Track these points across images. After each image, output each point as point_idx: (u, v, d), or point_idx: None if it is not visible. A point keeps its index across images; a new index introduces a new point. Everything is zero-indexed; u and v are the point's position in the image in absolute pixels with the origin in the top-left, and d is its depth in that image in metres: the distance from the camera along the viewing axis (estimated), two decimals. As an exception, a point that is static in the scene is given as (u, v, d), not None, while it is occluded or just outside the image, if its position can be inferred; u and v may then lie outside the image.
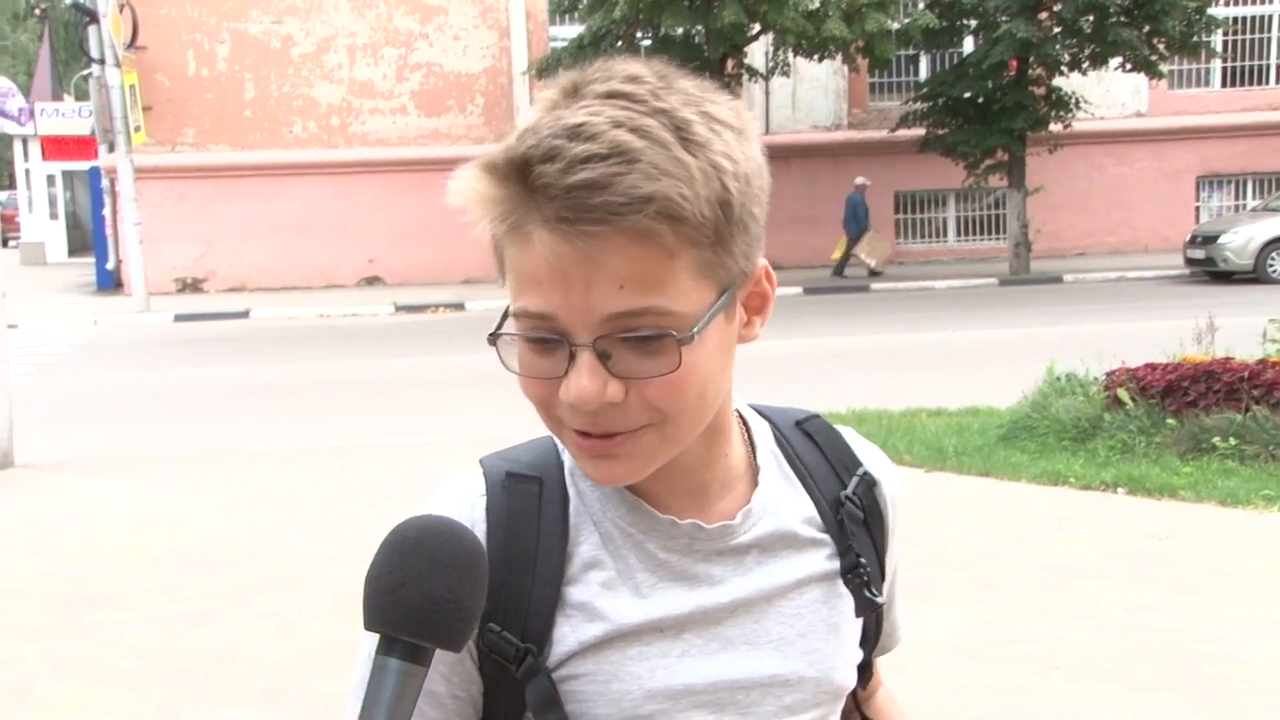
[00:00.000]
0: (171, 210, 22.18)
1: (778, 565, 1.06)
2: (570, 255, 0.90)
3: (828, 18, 18.32)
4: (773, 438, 1.12)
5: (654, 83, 0.94)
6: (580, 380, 0.92)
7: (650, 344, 0.92)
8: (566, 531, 1.03)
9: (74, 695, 4.47)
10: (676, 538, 1.03)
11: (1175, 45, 19.92)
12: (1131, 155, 23.90)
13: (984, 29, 20.53)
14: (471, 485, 1.06)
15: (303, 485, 7.76)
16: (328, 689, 4.42)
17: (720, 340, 0.97)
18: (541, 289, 0.92)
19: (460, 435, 9.28)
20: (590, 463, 0.99)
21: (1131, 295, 17.90)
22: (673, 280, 0.91)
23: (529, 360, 0.96)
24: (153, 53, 21.87)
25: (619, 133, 0.89)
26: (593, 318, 0.91)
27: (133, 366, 14.30)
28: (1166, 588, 5.33)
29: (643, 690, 1.01)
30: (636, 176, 0.88)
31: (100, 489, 7.90)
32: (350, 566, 5.86)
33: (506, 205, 0.92)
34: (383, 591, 0.85)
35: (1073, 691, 4.25)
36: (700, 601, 1.03)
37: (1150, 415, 7.40)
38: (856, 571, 1.09)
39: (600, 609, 1.01)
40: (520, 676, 0.99)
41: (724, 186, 0.92)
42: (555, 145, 0.89)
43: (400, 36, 22.91)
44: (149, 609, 5.40)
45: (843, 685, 1.10)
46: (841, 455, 1.14)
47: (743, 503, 1.06)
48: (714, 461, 1.05)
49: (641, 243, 0.89)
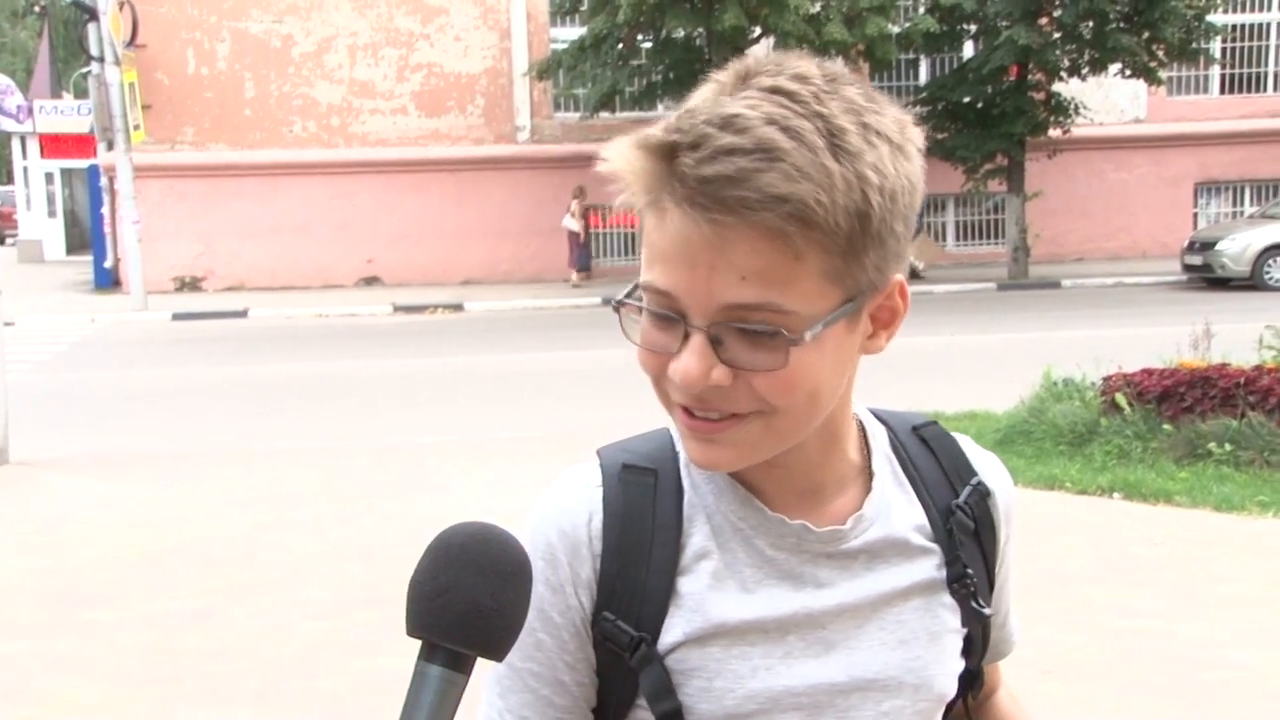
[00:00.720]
0: (170, 209, 22.17)
1: (885, 572, 1.07)
2: (699, 239, 0.91)
3: (828, 21, 18.35)
4: (888, 442, 1.13)
5: (820, 84, 0.94)
6: (689, 360, 0.94)
7: (762, 338, 0.93)
8: (680, 523, 1.04)
9: (68, 692, 4.47)
10: (785, 536, 1.04)
11: (1174, 52, 19.95)
12: (1130, 161, 23.92)
13: (984, 34, 20.56)
14: (589, 476, 1.06)
15: (299, 485, 7.75)
16: (322, 688, 4.42)
17: (839, 347, 0.98)
18: (668, 266, 0.94)
19: (458, 436, 9.29)
20: (693, 444, 1.00)
21: (1129, 301, 17.92)
22: (796, 281, 0.92)
23: (648, 332, 0.98)
24: (152, 51, 21.87)
25: (769, 130, 0.90)
26: (711, 303, 0.93)
27: (130, 365, 14.29)
28: (1161, 593, 5.34)
29: (744, 689, 1.02)
30: (775, 175, 0.89)
31: (96, 487, 7.90)
32: (346, 566, 5.86)
33: (649, 180, 0.93)
34: (426, 597, 0.84)
35: (1067, 695, 4.25)
36: (805, 603, 1.04)
37: (1146, 421, 7.40)
38: (963, 582, 1.09)
39: (707, 603, 1.02)
40: (634, 664, 1.01)
41: (865, 199, 0.92)
42: (705, 133, 0.91)
43: (401, 37, 22.91)
44: (144, 607, 5.40)
45: (943, 694, 1.10)
46: (956, 463, 1.14)
47: (855, 507, 1.07)
48: (828, 464, 1.06)
49: (770, 239, 0.90)
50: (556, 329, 16.55)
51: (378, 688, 4.32)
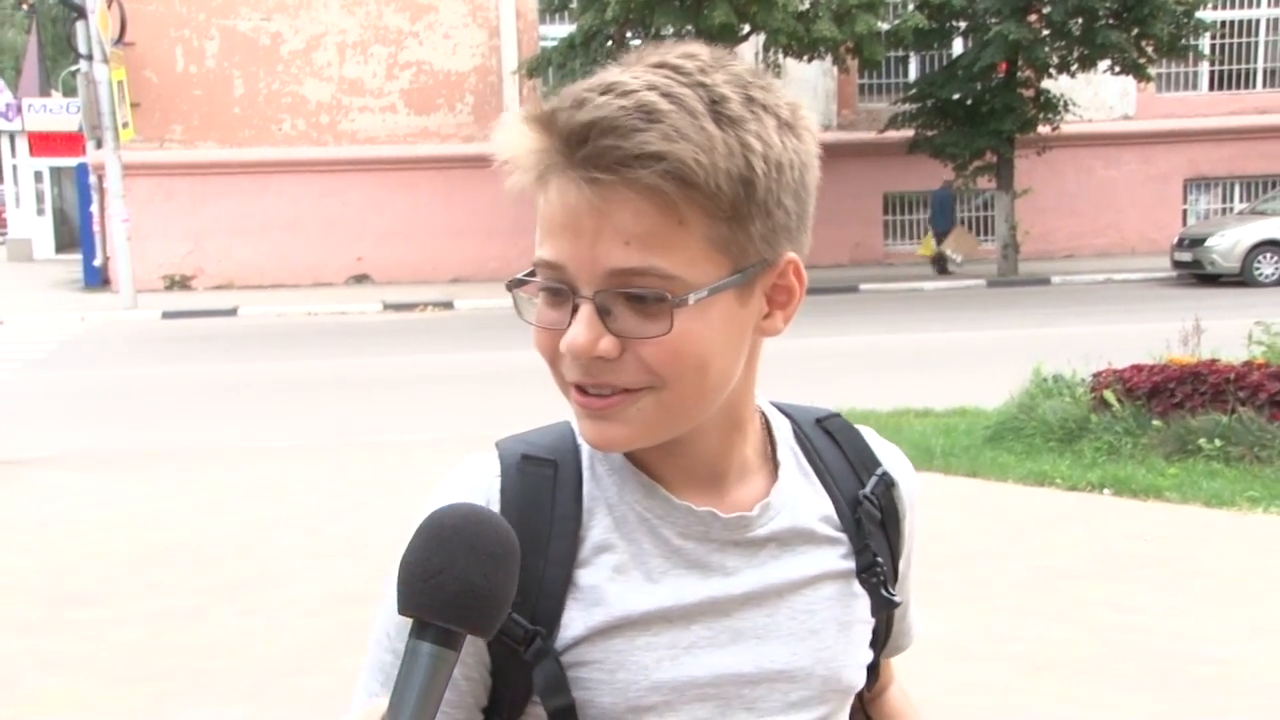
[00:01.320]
0: (159, 207, 22.12)
1: (793, 560, 1.06)
2: (583, 206, 0.92)
3: (818, 19, 18.36)
4: (793, 434, 1.12)
5: (706, 60, 0.96)
6: (577, 330, 0.94)
7: (647, 304, 0.93)
8: (580, 514, 1.03)
9: (61, 690, 4.46)
10: (692, 524, 1.03)
11: (1164, 48, 20.00)
12: (1119, 158, 23.98)
13: (973, 31, 20.59)
14: (487, 467, 1.06)
15: (290, 482, 7.74)
16: (314, 685, 4.42)
17: (729, 320, 0.97)
18: (555, 238, 0.95)
19: (448, 433, 9.28)
20: (587, 423, 0.99)
21: (1119, 297, 17.97)
22: (680, 246, 0.92)
23: (542, 311, 0.98)
24: (141, 49, 21.81)
25: (650, 94, 0.91)
26: (597, 270, 0.93)
27: (120, 363, 14.26)
28: (1152, 588, 5.36)
29: (648, 681, 1.00)
30: (653, 134, 0.90)
31: (87, 485, 7.88)
32: (338, 564, 5.86)
33: (535, 155, 0.94)
34: (419, 577, 0.86)
35: (1059, 691, 4.27)
36: (712, 591, 1.02)
37: (1136, 417, 7.43)
38: (873, 570, 1.09)
39: (609, 594, 1.01)
40: (529, 659, 0.99)
41: (749, 164, 0.92)
42: (584, 98, 0.92)
43: (390, 35, 22.87)
44: (136, 605, 5.39)
45: (851, 684, 1.09)
46: (861, 454, 1.14)
47: (760, 497, 1.06)
48: (730, 452, 1.05)
49: (652, 201, 0.91)
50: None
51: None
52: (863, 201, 22.90)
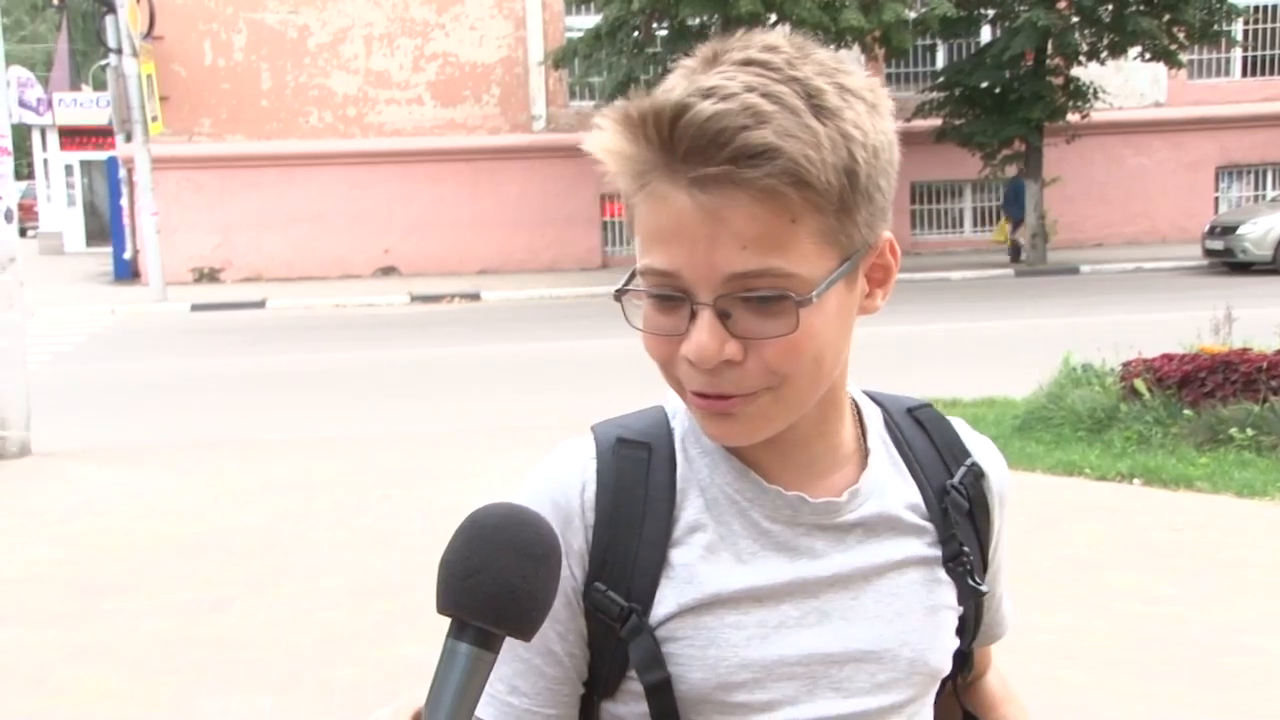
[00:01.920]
0: (188, 200, 22.25)
1: (880, 546, 1.07)
2: (695, 213, 0.92)
3: (845, 7, 18.27)
4: (883, 423, 1.13)
5: (790, 52, 0.96)
6: (700, 338, 0.94)
7: (770, 305, 0.94)
8: (673, 495, 1.04)
9: (90, 681, 4.50)
10: (781, 508, 1.05)
11: (1195, 34, 19.80)
12: (1150, 145, 23.77)
13: (1002, 18, 20.44)
14: (583, 450, 1.07)
15: (318, 474, 7.78)
16: (342, 676, 4.44)
17: (840, 308, 0.99)
18: (667, 246, 0.94)
19: (476, 425, 9.31)
20: (709, 421, 1.00)
21: (1149, 286, 17.83)
22: (795, 244, 0.93)
23: (652, 318, 0.98)
24: (170, 43, 21.93)
25: (750, 96, 0.91)
26: (715, 276, 0.93)
27: (149, 356, 14.36)
28: (1182, 578, 5.31)
29: (738, 658, 1.02)
30: (764, 133, 0.90)
31: (117, 477, 7.94)
32: (365, 556, 5.88)
33: (638, 161, 0.94)
34: (458, 576, 0.85)
35: (1087, 681, 4.24)
36: (800, 573, 1.04)
37: (1167, 406, 7.36)
38: (959, 559, 1.10)
39: (701, 573, 1.02)
40: (625, 635, 1.01)
41: (851, 155, 0.93)
42: (687, 103, 0.91)
43: (416, 27, 22.91)
44: (165, 596, 5.43)
45: (937, 668, 1.10)
46: (950, 444, 1.15)
47: (850, 483, 1.07)
48: (825, 436, 1.07)
49: (765, 203, 0.91)
50: (573, 317, 16.56)
51: (397, 676, 4.34)
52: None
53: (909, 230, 23.62)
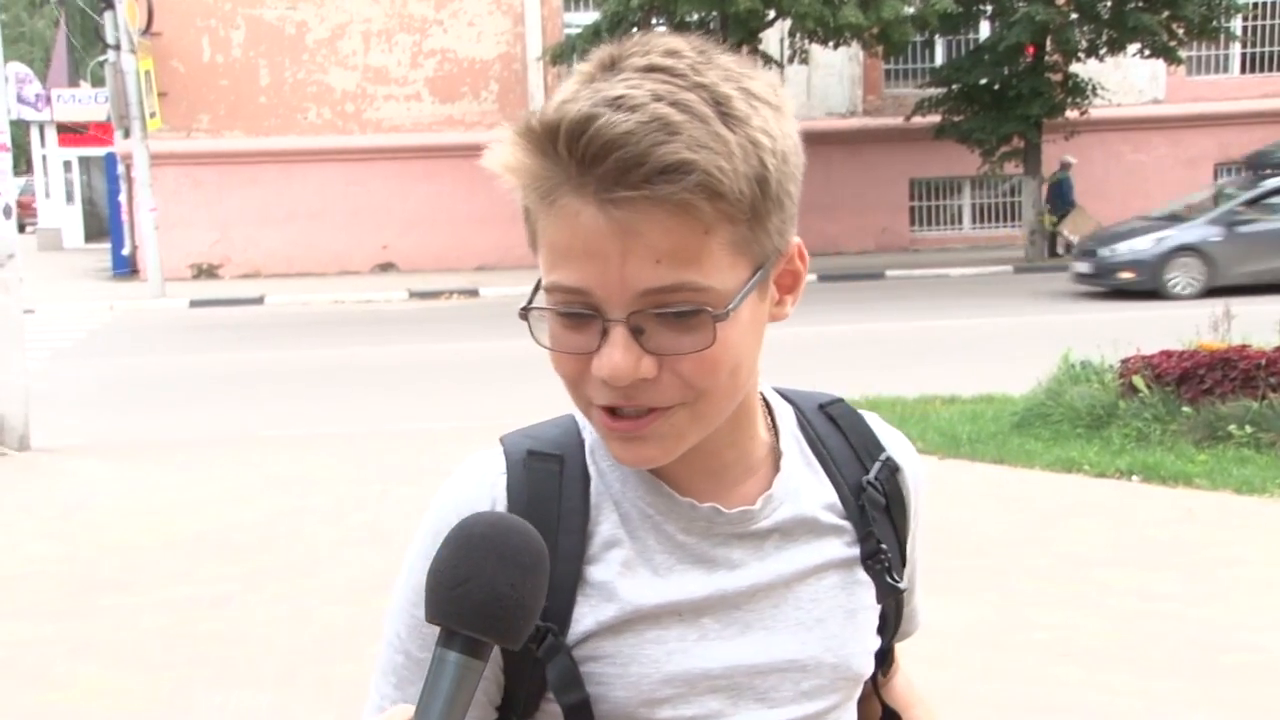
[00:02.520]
0: (187, 196, 22.23)
1: (798, 551, 1.06)
2: (606, 228, 0.89)
3: (844, 4, 18.24)
4: (795, 421, 1.11)
5: (693, 57, 0.93)
6: (613, 356, 0.91)
7: (686, 320, 0.91)
8: (587, 510, 1.02)
9: (90, 677, 4.50)
10: (695, 520, 1.03)
11: (1194, 30, 19.77)
12: (1149, 142, 23.76)
13: (1000, 14, 20.42)
14: (492, 463, 1.04)
15: (317, 470, 7.78)
16: (340, 673, 4.44)
17: (753, 318, 0.97)
18: (575, 262, 0.91)
19: (474, 421, 9.30)
20: (619, 444, 0.97)
21: (1148, 283, 17.78)
22: (709, 256, 0.91)
23: (560, 335, 0.95)
24: (168, 39, 21.89)
25: (659, 106, 0.89)
26: (627, 293, 0.90)
27: (148, 352, 14.36)
28: (1180, 575, 5.32)
29: (660, 674, 1.00)
30: (676, 147, 0.87)
31: (116, 473, 7.94)
32: (364, 552, 5.88)
33: (541, 175, 0.91)
34: (446, 585, 0.85)
35: (1085, 679, 4.24)
36: (719, 585, 1.02)
37: (1166, 403, 7.36)
38: (877, 557, 1.08)
39: (619, 589, 1.00)
40: (541, 655, 0.99)
41: (761, 163, 0.91)
42: (595, 114, 0.88)
43: (415, 23, 22.89)
44: (164, 592, 5.43)
45: (860, 672, 1.09)
46: (864, 440, 1.13)
47: (764, 487, 1.06)
48: (737, 443, 1.04)
49: (678, 216, 0.89)
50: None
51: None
52: (889, 188, 22.78)
53: (908, 227, 23.61)
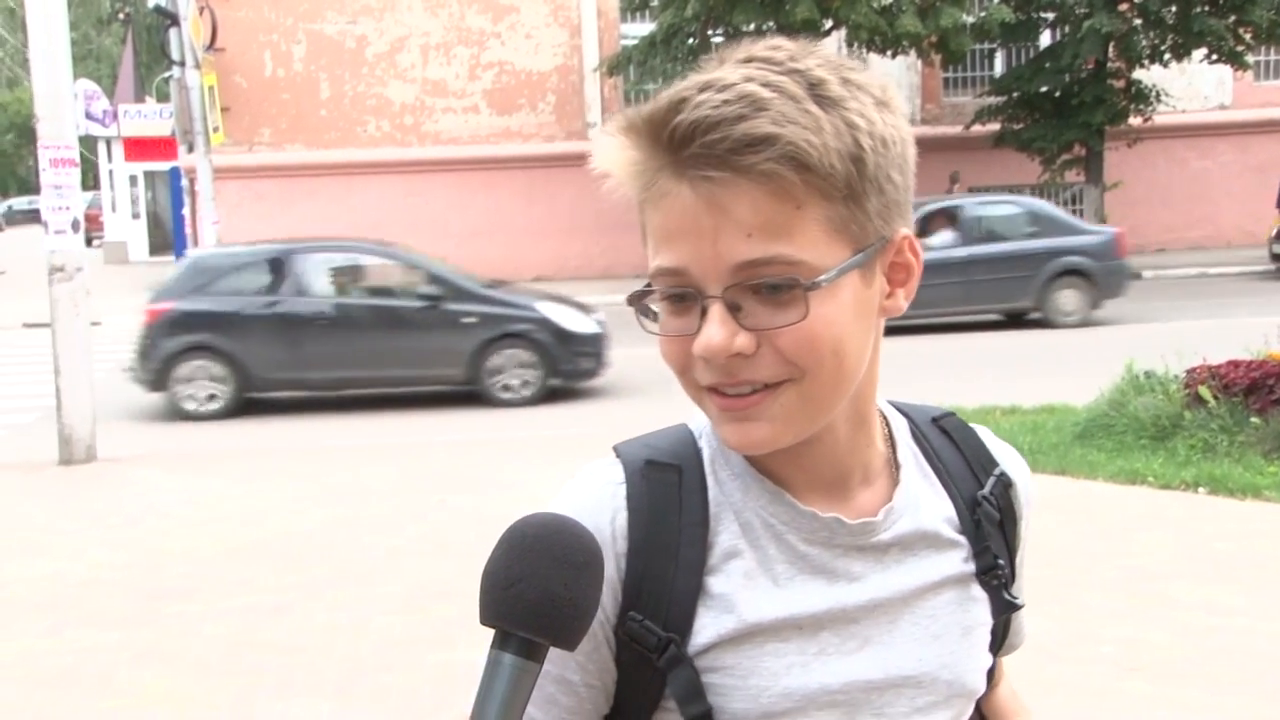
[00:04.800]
0: (249, 209, 22.53)
1: (917, 565, 1.05)
2: (698, 205, 0.91)
3: (902, 13, 18.16)
4: (910, 434, 1.11)
5: (793, 50, 0.96)
6: (710, 330, 0.92)
7: (779, 294, 0.92)
8: (707, 520, 1.01)
9: (154, 683, 4.56)
10: (818, 531, 1.02)
11: (1263, 35, 19.44)
12: (1215, 149, 23.38)
13: (1061, 22, 20.20)
14: (610, 473, 1.03)
15: (374, 480, 7.84)
16: (398, 682, 4.46)
17: (857, 302, 0.96)
18: (674, 244, 0.94)
19: (529, 433, 9.33)
20: (729, 426, 0.97)
21: (1213, 291, 17.51)
22: (801, 230, 0.91)
23: (667, 321, 0.97)
24: (231, 54, 22.24)
25: (749, 85, 0.91)
26: (721, 267, 0.92)
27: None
28: (1248, 589, 5.21)
29: (779, 687, 0.99)
30: (762, 120, 0.89)
31: (179, 483, 8.05)
32: (420, 562, 5.91)
33: (641, 164, 0.94)
34: (500, 586, 0.84)
35: (1151, 694, 4.17)
36: (838, 597, 1.02)
37: (1233, 413, 7.22)
38: (994, 572, 1.08)
39: (739, 601, 1.00)
40: (662, 666, 0.98)
41: (857, 142, 0.92)
42: (684, 95, 0.91)
43: (473, 35, 23.07)
44: (226, 601, 5.49)
45: (975, 689, 1.08)
46: (978, 454, 1.13)
47: (883, 498, 1.05)
48: (855, 452, 1.04)
49: (768, 189, 0.90)
50: (626, 326, 16.53)
51: (453, 681, 4.35)
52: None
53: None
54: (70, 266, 8.78)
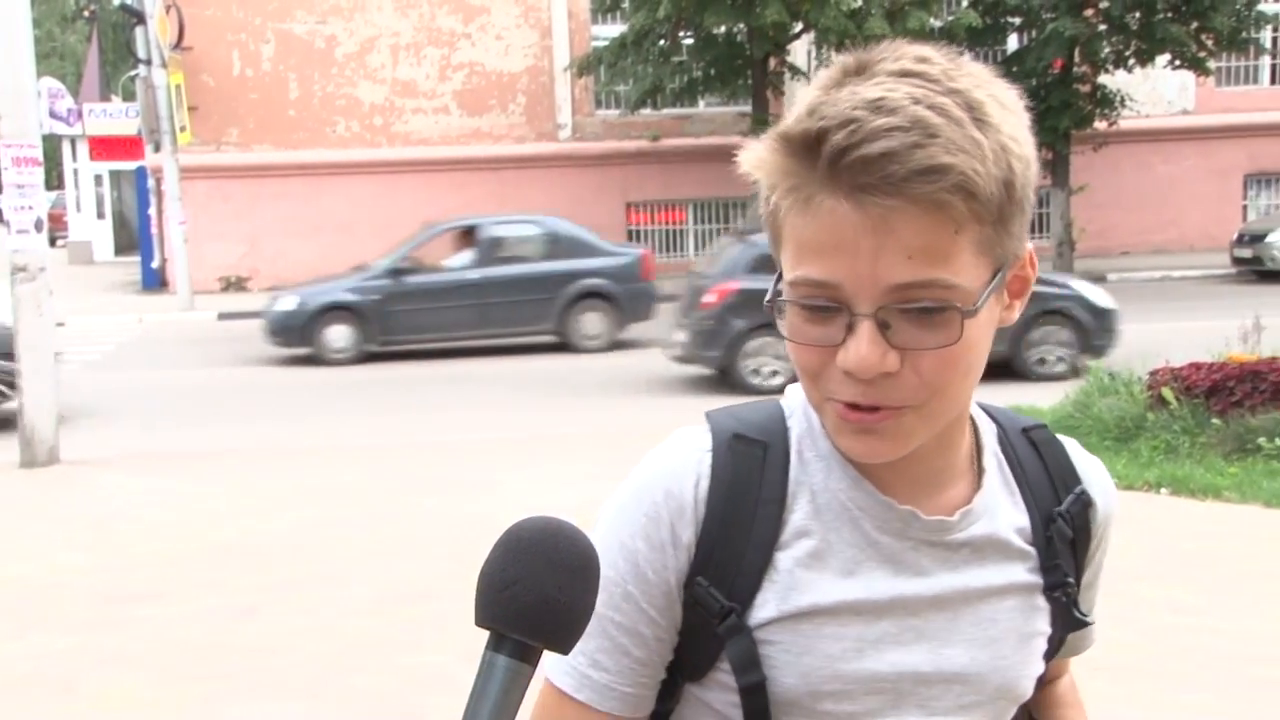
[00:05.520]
0: (216, 209, 22.39)
1: (985, 569, 1.07)
2: (861, 223, 0.92)
3: (870, 16, 18.25)
4: (998, 441, 1.12)
5: (944, 64, 0.96)
6: (860, 347, 0.93)
7: (932, 316, 0.93)
8: (784, 498, 1.04)
9: (119, 688, 4.53)
10: (891, 520, 1.04)
11: (1224, 41, 19.67)
12: (1178, 153, 23.62)
13: (1028, 26, 20.36)
14: (699, 440, 1.06)
15: (346, 482, 7.81)
16: (367, 684, 4.45)
17: (991, 320, 0.99)
18: (826, 257, 0.94)
19: (503, 434, 9.32)
20: (853, 437, 0.99)
21: (1177, 294, 17.69)
22: (957, 255, 0.93)
23: (802, 328, 0.98)
24: (198, 53, 22.09)
25: (918, 108, 0.91)
26: (878, 287, 0.93)
27: (177, 364, 14.45)
28: (1212, 589, 5.27)
29: (832, 669, 1.02)
30: (936, 149, 0.90)
31: (145, 485, 7.99)
32: (390, 563, 5.90)
33: (798, 176, 0.94)
34: (495, 588, 0.85)
35: (1115, 693, 4.21)
36: (902, 589, 1.04)
37: (1195, 415, 7.31)
38: (1064, 589, 1.10)
39: (804, 580, 1.02)
40: (721, 633, 1.02)
41: (1009, 167, 0.94)
42: (855, 116, 0.91)
43: (443, 36, 23.01)
44: (192, 603, 5.46)
45: (1023, 694, 1.11)
46: (1063, 470, 1.14)
47: (962, 500, 1.07)
48: (944, 452, 1.06)
49: (933, 215, 0.91)
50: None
51: (422, 683, 4.34)
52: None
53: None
54: (33, 266, 8.71)
